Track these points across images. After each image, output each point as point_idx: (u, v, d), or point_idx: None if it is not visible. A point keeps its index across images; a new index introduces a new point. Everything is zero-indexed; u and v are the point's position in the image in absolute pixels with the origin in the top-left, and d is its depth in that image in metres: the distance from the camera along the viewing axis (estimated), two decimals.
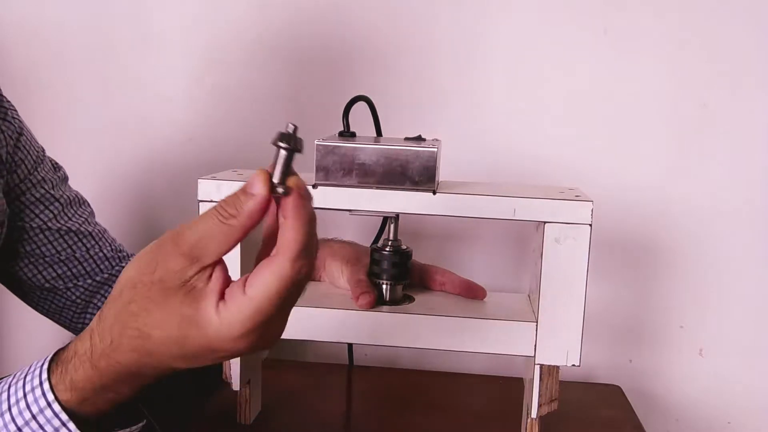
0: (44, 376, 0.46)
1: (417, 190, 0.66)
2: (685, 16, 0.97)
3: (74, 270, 0.81)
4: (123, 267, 0.83)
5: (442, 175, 0.70)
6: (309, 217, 0.43)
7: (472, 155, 1.01)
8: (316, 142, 0.66)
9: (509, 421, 0.79)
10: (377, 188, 0.66)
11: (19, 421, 0.45)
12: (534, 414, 0.69)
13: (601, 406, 0.91)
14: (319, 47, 1.05)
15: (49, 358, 0.47)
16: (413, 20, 1.02)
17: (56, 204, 0.81)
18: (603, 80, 1.00)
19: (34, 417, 0.45)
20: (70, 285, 0.81)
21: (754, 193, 0.99)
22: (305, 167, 0.77)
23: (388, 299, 0.73)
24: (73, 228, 0.81)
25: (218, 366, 0.73)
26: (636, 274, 1.03)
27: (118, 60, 1.09)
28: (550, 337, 0.67)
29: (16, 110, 0.79)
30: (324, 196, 0.66)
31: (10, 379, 0.48)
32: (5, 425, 0.45)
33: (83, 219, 0.83)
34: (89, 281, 0.82)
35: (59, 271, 0.81)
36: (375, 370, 1.01)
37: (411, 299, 0.75)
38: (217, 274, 0.44)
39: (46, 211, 0.80)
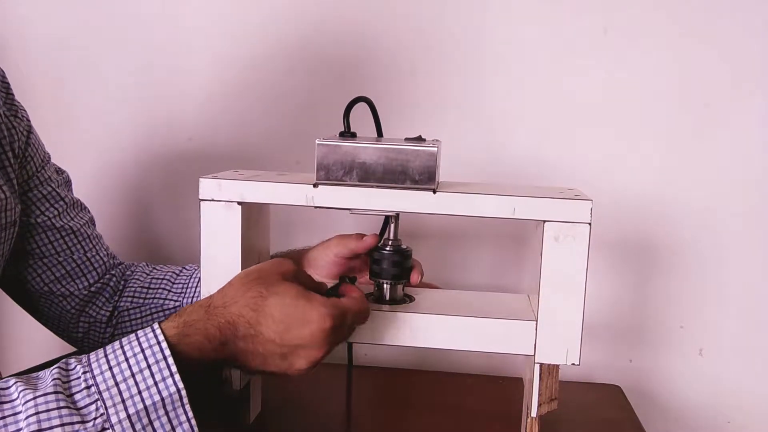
0: (161, 337, 0.55)
1: (417, 189, 0.66)
2: (686, 16, 0.98)
3: (71, 272, 0.82)
4: (113, 274, 0.85)
5: (442, 176, 0.70)
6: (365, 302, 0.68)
7: (472, 156, 1.02)
8: (317, 142, 0.66)
9: (509, 421, 0.78)
10: (377, 187, 0.66)
11: (135, 369, 0.54)
12: (534, 413, 0.69)
13: (601, 406, 0.91)
14: (319, 48, 1.05)
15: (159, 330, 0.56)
16: (414, 22, 1.02)
17: (61, 203, 0.82)
18: (603, 80, 1.00)
19: (149, 366, 0.54)
20: (65, 291, 0.82)
21: (754, 193, 1.00)
22: (306, 167, 0.78)
23: (388, 299, 0.73)
24: (75, 228, 0.82)
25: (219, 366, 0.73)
26: (636, 274, 1.03)
27: (118, 61, 1.09)
28: (550, 335, 0.67)
29: (26, 111, 0.81)
30: (324, 195, 0.67)
31: (116, 344, 0.56)
32: (121, 372, 0.53)
33: (84, 221, 0.84)
34: (82, 288, 0.83)
35: (57, 274, 0.81)
36: (375, 370, 1.01)
37: (411, 298, 0.75)
38: None
39: (52, 209, 0.80)
